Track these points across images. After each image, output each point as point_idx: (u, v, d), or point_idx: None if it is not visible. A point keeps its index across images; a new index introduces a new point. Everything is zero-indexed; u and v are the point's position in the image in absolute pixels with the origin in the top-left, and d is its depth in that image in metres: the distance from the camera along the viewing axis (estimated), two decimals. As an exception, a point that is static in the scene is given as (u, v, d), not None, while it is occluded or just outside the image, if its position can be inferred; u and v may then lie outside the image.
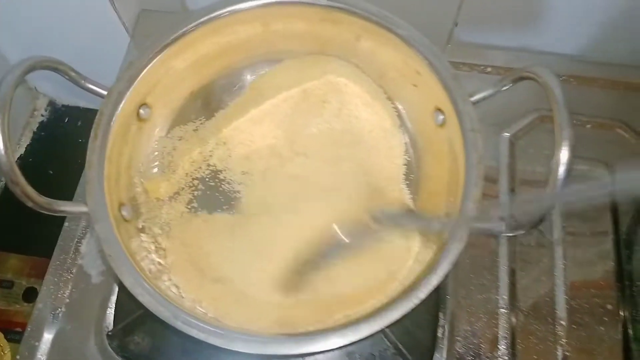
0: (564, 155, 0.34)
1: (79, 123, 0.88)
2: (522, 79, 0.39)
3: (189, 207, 0.50)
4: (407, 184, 0.50)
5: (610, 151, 0.56)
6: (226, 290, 0.45)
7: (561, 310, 0.50)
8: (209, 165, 0.52)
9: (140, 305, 0.40)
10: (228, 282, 0.46)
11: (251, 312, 0.43)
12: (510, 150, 0.56)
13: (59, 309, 0.50)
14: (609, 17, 0.59)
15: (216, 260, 0.47)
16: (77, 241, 0.53)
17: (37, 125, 0.88)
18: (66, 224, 0.54)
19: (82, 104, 0.88)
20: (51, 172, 0.84)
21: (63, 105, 0.89)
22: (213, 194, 0.51)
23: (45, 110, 0.89)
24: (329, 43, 0.51)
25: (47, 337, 0.49)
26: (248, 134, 0.53)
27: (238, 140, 0.52)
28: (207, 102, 0.53)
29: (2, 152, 0.36)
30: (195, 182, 0.51)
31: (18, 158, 0.85)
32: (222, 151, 0.52)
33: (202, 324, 0.37)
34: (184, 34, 0.47)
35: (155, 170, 0.50)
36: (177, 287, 0.44)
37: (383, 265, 0.45)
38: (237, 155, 0.51)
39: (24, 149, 0.86)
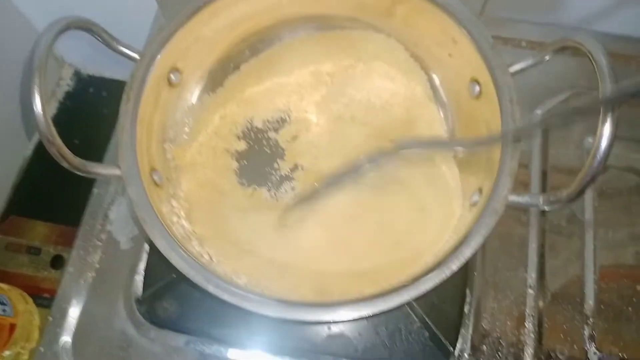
0: (607, 128, 0.33)
1: (104, 93, 0.88)
2: (564, 48, 0.38)
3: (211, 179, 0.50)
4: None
5: (646, 132, 0.55)
6: (256, 259, 0.45)
7: (589, 290, 0.49)
8: (233, 134, 0.52)
9: (169, 271, 0.40)
10: (256, 252, 0.46)
11: (285, 282, 0.43)
12: (543, 128, 0.55)
13: (89, 274, 0.51)
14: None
15: (243, 232, 0.47)
16: (106, 207, 0.54)
17: (63, 95, 0.88)
18: (95, 190, 0.55)
19: (107, 74, 0.88)
20: (77, 142, 0.84)
21: (88, 75, 0.89)
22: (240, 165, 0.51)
23: (71, 80, 0.89)
24: (363, 8, 0.49)
25: (77, 301, 0.50)
26: (271, 102, 0.53)
27: (262, 107, 0.52)
28: (237, 68, 0.52)
29: (40, 111, 0.36)
30: (219, 150, 0.51)
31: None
32: (244, 118, 0.52)
33: (233, 288, 0.37)
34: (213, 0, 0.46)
35: (185, 137, 0.50)
36: (208, 255, 0.44)
37: (423, 236, 0.45)
38: (261, 125, 0.51)
39: (50, 118, 0.86)
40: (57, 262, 0.74)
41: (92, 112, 0.86)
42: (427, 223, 0.46)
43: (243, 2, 0.48)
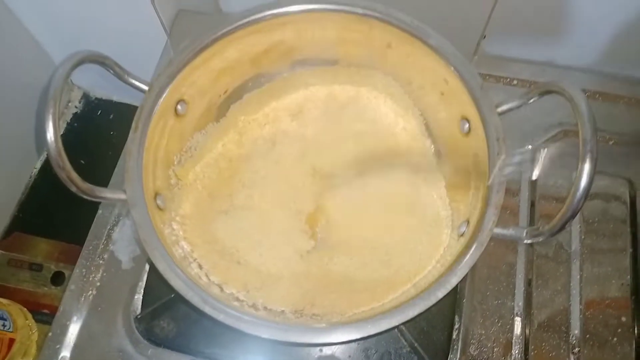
0: (586, 169, 0.35)
1: (111, 116, 0.91)
2: (548, 92, 0.41)
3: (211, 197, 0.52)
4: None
5: (632, 168, 0.57)
6: (250, 272, 0.47)
7: (575, 320, 0.51)
8: (230, 156, 0.55)
9: (167, 291, 0.42)
10: (250, 264, 0.49)
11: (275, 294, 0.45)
12: (533, 161, 0.57)
13: (90, 292, 0.53)
14: (633, 34, 0.60)
15: (236, 245, 0.50)
16: (109, 228, 0.56)
17: (71, 117, 0.91)
18: (100, 211, 0.57)
19: (115, 97, 0.91)
20: (83, 162, 0.87)
21: (96, 98, 0.92)
22: (233, 184, 0.53)
23: (79, 102, 0.92)
24: (360, 49, 0.52)
25: (78, 318, 0.51)
26: (268, 125, 0.56)
27: (257, 132, 0.56)
28: (240, 98, 0.56)
29: (53, 139, 0.38)
30: (215, 173, 0.54)
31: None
32: (240, 142, 0.55)
33: (228, 310, 0.39)
34: (222, 36, 0.49)
35: (189, 161, 0.52)
36: (206, 274, 0.46)
37: (412, 258, 0.47)
38: (256, 147, 0.55)
39: (58, 139, 0.89)
40: (58, 279, 0.76)
41: (99, 134, 0.89)
42: (417, 249, 0.48)
43: (248, 40, 0.51)
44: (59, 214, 0.80)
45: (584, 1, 0.57)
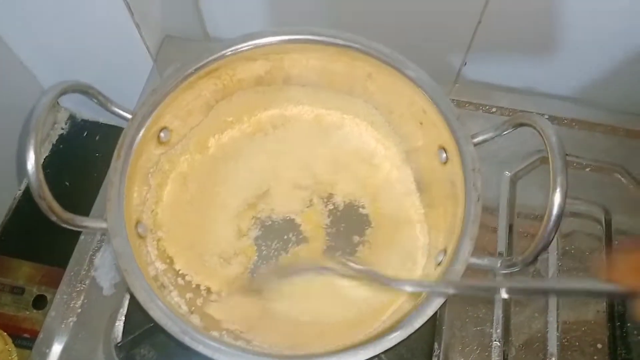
0: (556, 201, 0.36)
1: (97, 137, 0.91)
2: (521, 125, 0.42)
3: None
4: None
5: (608, 195, 0.58)
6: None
7: (552, 347, 0.51)
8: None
9: (149, 319, 0.42)
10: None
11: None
12: (511, 188, 0.59)
13: (71, 318, 0.52)
14: (610, 65, 0.62)
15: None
16: (91, 254, 0.56)
17: (57, 138, 0.91)
18: (82, 237, 0.57)
19: (102, 119, 0.91)
20: (67, 184, 0.87)
21: (82, 120, 0.92)
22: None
23: (65, 124, 0.92)
24: (341, 79, 0.54)
25: (58, 344, 0.51)
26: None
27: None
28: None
29: (34, 169, 0.38)
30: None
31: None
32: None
33: (207, 341, 0.39)
34: (205, 65, 0.50)
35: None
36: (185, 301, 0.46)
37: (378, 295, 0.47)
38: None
39: (43, 160, 0.89)
40: (40, 303, 0.75)
41: (85, 156, 0.89)
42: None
43: (231, 70, 0.52)
44: (41, 236, 0.80)
45: (562, 30, 0.58)
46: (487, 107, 0.63)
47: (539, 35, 0.60)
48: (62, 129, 0.92)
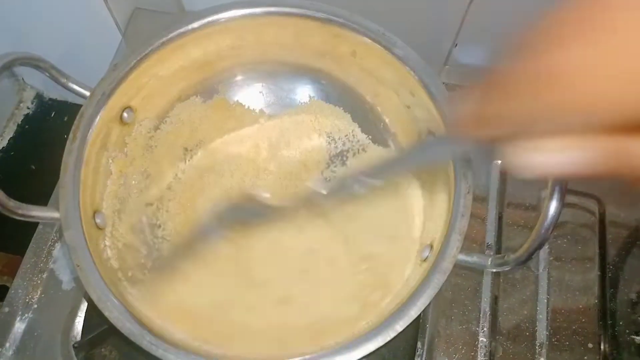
0: (555, 197, 0.33)
1: (66, 118, 0.86)
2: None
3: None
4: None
5: (601, 186, 0.55)
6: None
7: (541, 346, 0.49)
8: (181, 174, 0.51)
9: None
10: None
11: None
12: (502, 177, 0.55)
13: (26, 314, 0.48)
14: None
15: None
16: (50, 244, 0.51)
17: (22, 118, 0.86)
18: (40, 226, 0.52)
19: (71, 98, 0.86)
20: (33, 167, 0.82)
21: (50, 99, 0.87)
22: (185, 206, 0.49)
23: (32, 103, 0.86)
24: (323, 56, 0.49)
25: (11, 343, 0.47)
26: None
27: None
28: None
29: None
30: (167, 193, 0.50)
31: (0, 150, 0.83)
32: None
33: (168, 345, 0.35)
34: (174, 38, 0.45)
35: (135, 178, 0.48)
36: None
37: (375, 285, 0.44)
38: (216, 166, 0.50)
39: (7, 142, 0.84)
40: (1, 293, 0.71)
41: (52, 137, 0.83)
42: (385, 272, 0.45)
43: (203, 43, 0.47)
44: (3, 223, 0.75)
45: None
46: (479, 91, 0.60)
47: (532, 16, 0.56)
48: (28, 108, 0.86)
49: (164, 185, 0.50)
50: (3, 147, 0.83)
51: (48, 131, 0.85)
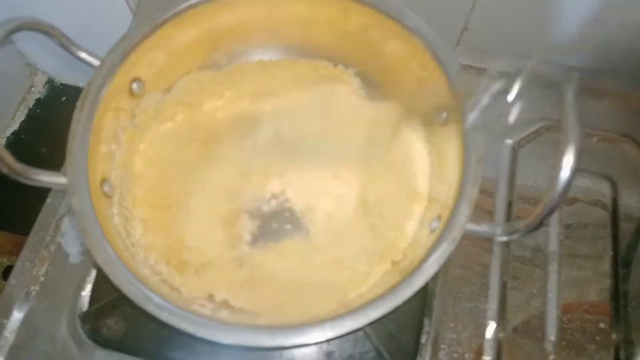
0: (567, 158, 0.32)
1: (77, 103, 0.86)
2: (534, 78, 0.38)
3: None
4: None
5: (615, 166, 0.54)
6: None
7: (551, 326, 0.48)
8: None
9: (115, 287, 0.38)
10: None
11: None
12: (512, 158, 0.55)
13: (33, 287, 0.48)
14: (621, 31, 0.57)
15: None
16: (58, 218, 0.51)
17: (34, 102, 0.86)
18: (49, 200, 0.53)
19: (82, 83, 0.86)
20: (44, 151, 0.82)
21: (61, 84, 0.88)
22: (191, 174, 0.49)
23: (43, 88, 0.87)
24: (333, 31, 0.49)
25: (17, 315, 0.47)
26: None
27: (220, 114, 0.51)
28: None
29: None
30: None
31: (11, 134, 0.83)
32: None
33: (174, 308, 0.35)
34: (184, 10, 0.45)
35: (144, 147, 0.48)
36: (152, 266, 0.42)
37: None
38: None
39: (18, 125, 0.84)
40: (10, 274, 0.71)
41: (63, 122, 0.83)
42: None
43: (214, 17, 0.47)
44: (11, 204, 0.75)
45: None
46: (490, 72, 0.59)
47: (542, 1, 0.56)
48: (40, 92, 0.87)
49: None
50: (14, 131, 0.84)
51: (59, 115, 0.85)
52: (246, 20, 0.49)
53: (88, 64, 0.44)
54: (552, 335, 0.47)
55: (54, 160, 0.55)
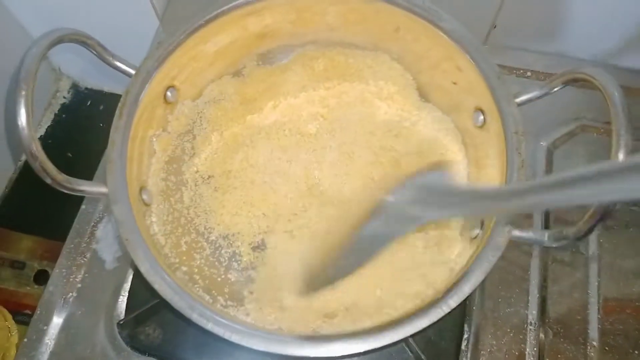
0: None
1: (101, 107, 0.86)
2: (574, 80, 0.37)
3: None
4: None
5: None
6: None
7: (593, 331, 0.47)
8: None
9: (153, 295, 0.38)
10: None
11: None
12: (548, 159, 0.54)
13: (70, 294, 0.49)
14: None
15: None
16: (93, 225, 0.52)
17: (59, 107, 0.87)
18: (83, 206, 0.53)
19: (106, 88, 0.87)
20: (70, 155, 0.83)
21: (86, 88, 0.88)
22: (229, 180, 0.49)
23: (68, 92, 0.88)
24: (365, 34, 0.48)
25: (56, 321, 0.48)
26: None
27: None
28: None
29: (24, 125, 0.34)
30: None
31: (38, 139, 0.84)
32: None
33: (218, 318, 0.35)
34: (216, 17, 0.45)
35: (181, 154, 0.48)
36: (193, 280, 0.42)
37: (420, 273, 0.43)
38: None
39: (44, 130, 0.85)
40: (41, 278, 0.72)
41: (88, 126, 0.85)
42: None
43: (244, 22, 0.47)
44: (43, 209, 0.76)
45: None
46: (522, 71, 0.58)
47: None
48: (65, 97, 0.87)
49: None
50: (41, 136, 0.84)
51: (84, 120, 0.86)
52: (275, 24, 0.49)
53: (124, 72, 0.44)
54: (594, 340, 0.46)
55: (80, 164, 0.55)
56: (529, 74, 0.58)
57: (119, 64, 0.43)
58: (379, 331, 0.35)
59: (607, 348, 0.46)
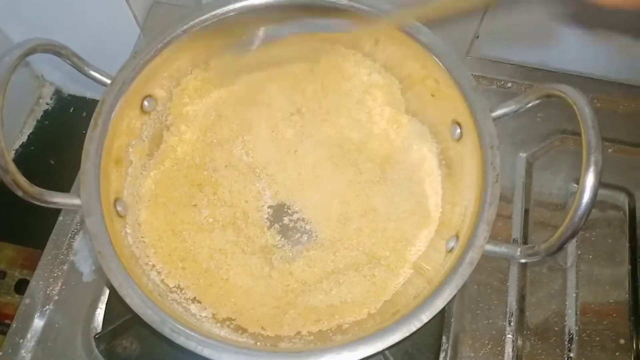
0: (589, 182, 0.32)
1: (84, 114, 0.86)
2: (548, 96, 0.37)
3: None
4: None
5: (631, 178, 0.54)
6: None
7: (571, 341, 0.47)
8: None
9: (129, 309, 0.38)
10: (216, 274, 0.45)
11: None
12: (527, 170, 0.54)
13: (47, 306, 0.48)
14: (633, 38, 0.57)
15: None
16: (70, 237, 0.51)
17: (42, 114, 0.86)
18: (60, 217, 0.52)
19: (89, 94, 0.86)
20: (52, 162, 0.82)
21: (69, 95, 0.87)
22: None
23: (51, 99, 0.87)
24: (344, 48, 0.49)
25: (33, 334, 0.47)
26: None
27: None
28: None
29: (-6, 137, 0.34)
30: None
31: (19, 146, 0.83)
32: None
33: (190, 332, 0.34)
34: (193, 27, 0.45)
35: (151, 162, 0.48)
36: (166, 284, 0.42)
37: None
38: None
39: (27, 137, 0.84)
40: (22, 287, 0.71)
41: (70, 133, 0.84)
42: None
43: (222, 35, 0.47)
44: (24, 217, 0.75)
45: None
46: (502, 82, 0.58)
47: (556, 8, 0.55)
48: (47, 104, 0.87)
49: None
50: (22, 143, 0.83)
51: (67, 127, 0.85)
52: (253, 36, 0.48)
53: (99, 82, 0.43)
54: (572, 352, 0.46)
55: (63, 171, 0.54)
56: (509, 84, 0.59)
57: (94, 73, 0.43)
58: (352, 345, 0.35)
59: (584, 358, 0.46)
